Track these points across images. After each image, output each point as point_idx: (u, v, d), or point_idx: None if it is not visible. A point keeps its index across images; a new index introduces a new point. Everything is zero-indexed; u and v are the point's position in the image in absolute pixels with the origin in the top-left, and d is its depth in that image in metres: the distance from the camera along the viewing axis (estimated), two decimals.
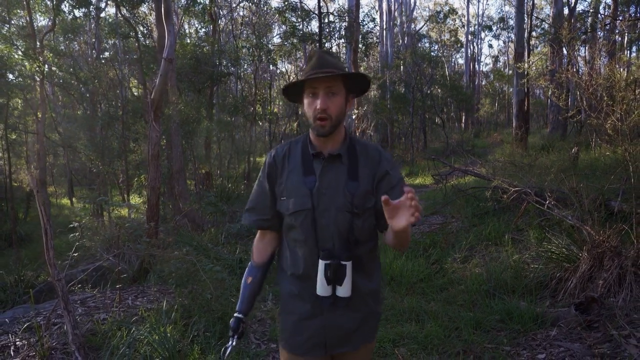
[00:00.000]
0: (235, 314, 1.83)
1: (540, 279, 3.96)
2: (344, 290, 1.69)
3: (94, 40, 24.01)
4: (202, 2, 16.08)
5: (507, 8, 37.66)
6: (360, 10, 17.14)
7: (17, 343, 3.86)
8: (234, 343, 1.76)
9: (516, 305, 3.61)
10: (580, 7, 25.14)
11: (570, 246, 3.92)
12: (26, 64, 12.27)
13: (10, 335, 4.02)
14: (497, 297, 3.90)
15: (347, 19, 15.41)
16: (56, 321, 4.24)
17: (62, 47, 23.29)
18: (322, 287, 1.69)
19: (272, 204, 1.84)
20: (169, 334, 3.51)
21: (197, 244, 6.28)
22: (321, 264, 1.68)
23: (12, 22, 16.39)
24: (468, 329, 3.48)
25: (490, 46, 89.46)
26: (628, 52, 22.33)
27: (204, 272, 4.24)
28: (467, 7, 34.80)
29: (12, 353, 3.71)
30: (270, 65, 20.98)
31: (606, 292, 3.39)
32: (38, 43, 12.54)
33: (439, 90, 24.70)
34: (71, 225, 4.33)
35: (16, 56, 11.64)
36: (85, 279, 4.70)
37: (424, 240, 5.95)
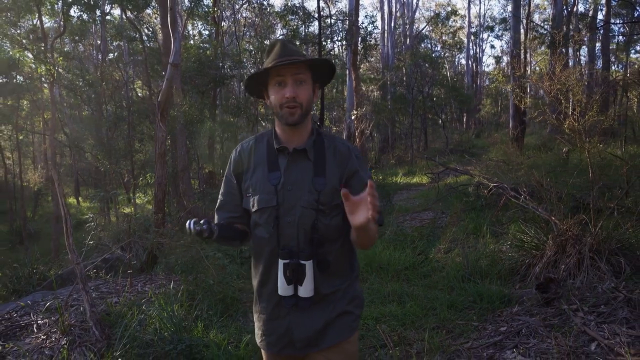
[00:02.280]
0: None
1: (512, 265, 4.36)
2: (305, 290, 1.65)
3: (99, 42, 24.51)
4: (206, 4, 16.52)
5: (509, 8, 37.81)
6: (363, 11, 17.56)
7: (39, 322, 4.29)
8: (203, 224, 1.56)
9: (487, 288, 4.01)
10: (582, 8, 25.44)
11: (540, 236, 4.31)
12: (32, 65, 12.73)
13: (32, 315, 4.46)
14: (472, 281, 4.30)
15: (347, 23, 15.82)
16: (73, 303, 4.66)
17: (67, 49, 23.79)
18: (282, 287, 1.66)
19: (241, 201, 1.79)
20: (175, 312, 3.93)
21: None
22: (280, 263, 1.65)
23: (20, 24, 16.89)
24: (443, 308, 3.88)
25: (493, 47, 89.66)
26: (625, 53, 22.65)
27: (207, 259, 4.66)
28: (469, 8, 35.19)
29: (35, 330, 4.14)
30: None
31: (567, 275, 3.78)
32: (48, 46, 12.99)
33: (442, 91, 25.03)
34: (86, 217, 4.75)
35: (27, 59, 12.09)
36: (100, 265, 5.12)
37: (412, 234, 6.36)
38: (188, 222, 1.56)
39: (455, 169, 8.10)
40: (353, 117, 15.37)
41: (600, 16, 20.70)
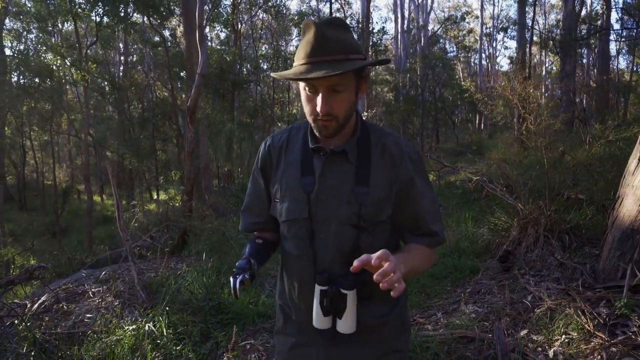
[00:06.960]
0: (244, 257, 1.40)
1: (486, 245, 5.18)
2: (344, 326, 1.31)
3: (121, 45, 25.70)
4: (224, 11, 17.49)
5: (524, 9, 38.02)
6: (377, 12, 18.32)
7: (92, 290, 5.22)
8: (246, 276, 1.30)
9: (462, 262, 4.84)
10: (597, 8, 25.89)
11: (509, 220, 5.12)
12: (67, 71, 13.85)
13: (85, 285, 5.40)
14: (452, 257, 5.13)
15: (359, 28, 16.67)
16: (119, 276, 5.60)
17: (89, 52, 25.03)
18: (318, 319, 1.33)
19: (269, 205, 1.49)
20: (206, 280, 4.84)
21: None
22: (317, 289, 1.31)
23: (50, 30, 18.11)
24: (425, 277, 4.72)
25: (506, 47, 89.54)
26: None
27: (231, 240, 5.56)
28: (481, 9, 35.66)
29: (91, 295, 5.08)
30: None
31: (526, 250, 4.59)
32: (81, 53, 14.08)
33: (456, 91, 25.64)
34: (132, 202, 5.66)
35: (64, 65, 13.17)
36: (139, 246, 6.07)
37: None
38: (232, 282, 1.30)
39: (447, 165, 8.91)
40: (364, 118, 16.18)
41: (613, 19, 21.15)
